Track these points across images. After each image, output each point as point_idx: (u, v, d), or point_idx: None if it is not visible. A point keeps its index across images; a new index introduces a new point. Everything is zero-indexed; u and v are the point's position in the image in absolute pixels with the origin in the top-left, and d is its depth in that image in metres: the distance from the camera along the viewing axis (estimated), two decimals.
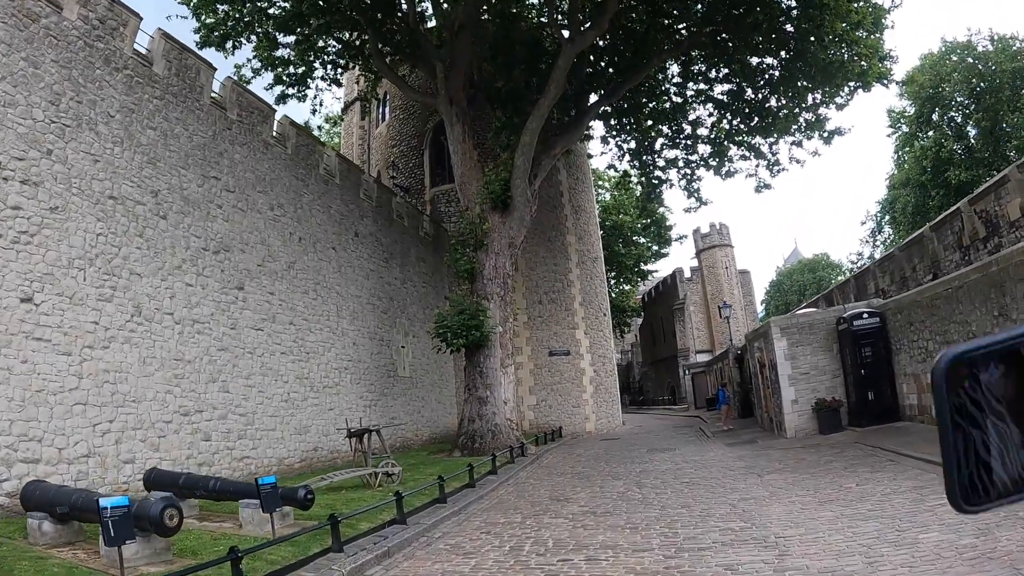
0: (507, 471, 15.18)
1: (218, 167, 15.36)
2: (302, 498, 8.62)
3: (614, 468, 14.71)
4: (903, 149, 44.10)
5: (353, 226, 21.19)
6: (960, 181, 37.76)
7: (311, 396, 17.52)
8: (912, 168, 41.35)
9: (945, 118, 41.14)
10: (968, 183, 36.51)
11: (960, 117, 41.04)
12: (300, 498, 8.61)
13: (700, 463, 14.37)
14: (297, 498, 8.62)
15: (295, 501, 8.67)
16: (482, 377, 18.33)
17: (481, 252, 19.40)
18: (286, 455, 16.17)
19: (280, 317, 16.84)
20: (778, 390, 17.49)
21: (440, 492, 11.35)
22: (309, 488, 8.82)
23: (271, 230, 17.06)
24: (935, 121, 41.12)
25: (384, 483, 12.83)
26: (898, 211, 43.97)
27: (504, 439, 17.76)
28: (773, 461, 13.35)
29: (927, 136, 41.20)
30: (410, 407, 22.69)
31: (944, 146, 39.24)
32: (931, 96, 40.29)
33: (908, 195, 42.17)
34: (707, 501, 9.68)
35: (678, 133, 27.81)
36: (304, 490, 8.71)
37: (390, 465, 13.08)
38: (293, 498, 8.65)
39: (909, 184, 41.90)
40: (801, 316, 17.93)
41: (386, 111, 35.22)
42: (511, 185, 19.65)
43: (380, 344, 21.43)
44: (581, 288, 29.23)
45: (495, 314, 18.82)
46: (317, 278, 18.74)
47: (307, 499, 8.67)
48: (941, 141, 39.58)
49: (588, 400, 28.01)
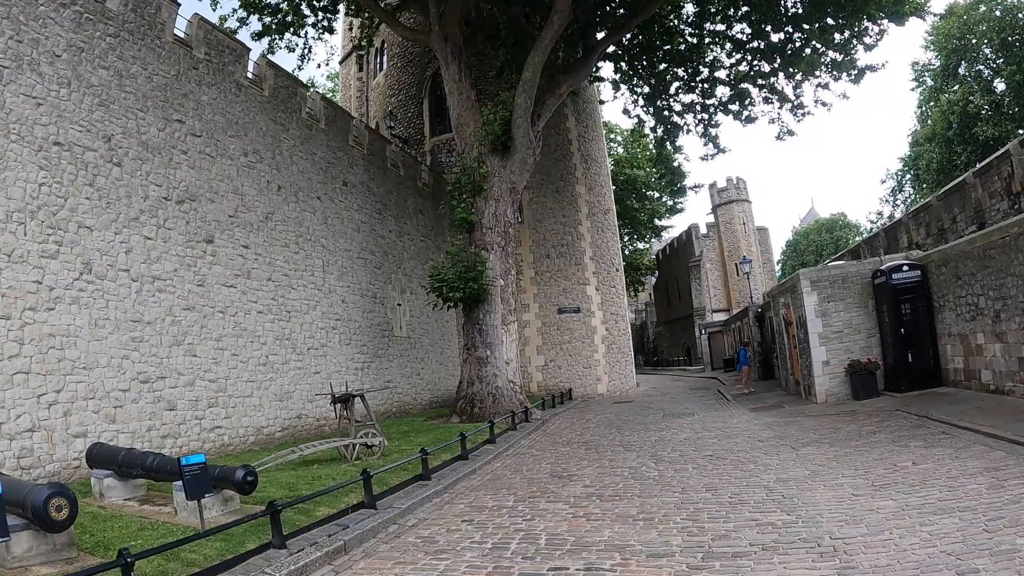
0: (507, 439, 13.76)
1: (182, 110, 13.91)
2: (240, 480, 7.11)
3: (626, 437, 13.22)
4: (928, 104, 42.24)
5: (341, 175, 19.51)
6: (988, 137, 35.89)
7: (293, 359, 16.15)
8: (938, 123, 39.53)
9: (972, 71, 38.98)
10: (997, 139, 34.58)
11: (988, 71, 38.76)
12: (238, 480, 7.10)
13: (723, 431, 12.83)
14: (234, 480, 7.12)
15: (232, 484, 7.18)
16: (481, 335, 16.78)
17: (479, 199, 17.66)
18: (265, 424, 14.88)
19: (256, 272, 15.38)
20: (807, 350, 15.82)
21: (423, 468, 9.91)
22: (250, 469, 7.30)
23: (245, 178, 15.56)
24: (961, 75, 39.05)
25: (363, 456, 11.43)
26: (922, 168, 42.37)
27: (506, 403, 16.31)
28: (806, 431, 11.75)
29: (953, 90, 39.06)
30: (407, 369, 21.29)
31: (971, 101, 37.18)
32: (957, 48, 38.22)
33: (933, 151, 40.29)
34: (737, 482, 8.11)
35: (694, 76, 25.62)
36: (243, 471, 7.18)
37: (371, 435, 11.64)
38: (229, 480, 7.16)
39: (935, 140, 40.16)
40: (833, 268, 16.14)
41: (384, 60, 33.23)
42: (512, 125, 17.76)
43: (373, 302, 19.92)
44: (592, 241, 27.46)
45: (495, 266, 17.17)
46: (299, 230, 17.20)
47: (247, 482, 7.16)
48: (968, 96, 37.47)
49: (600, 360, 26.52)
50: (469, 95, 19.26)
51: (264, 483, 9.38)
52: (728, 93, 25.29)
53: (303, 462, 11.23)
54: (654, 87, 26.10)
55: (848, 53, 21.90)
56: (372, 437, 11.63)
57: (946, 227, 19.46)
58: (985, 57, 38.91)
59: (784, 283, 18.32)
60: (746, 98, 24.73)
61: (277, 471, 10.44)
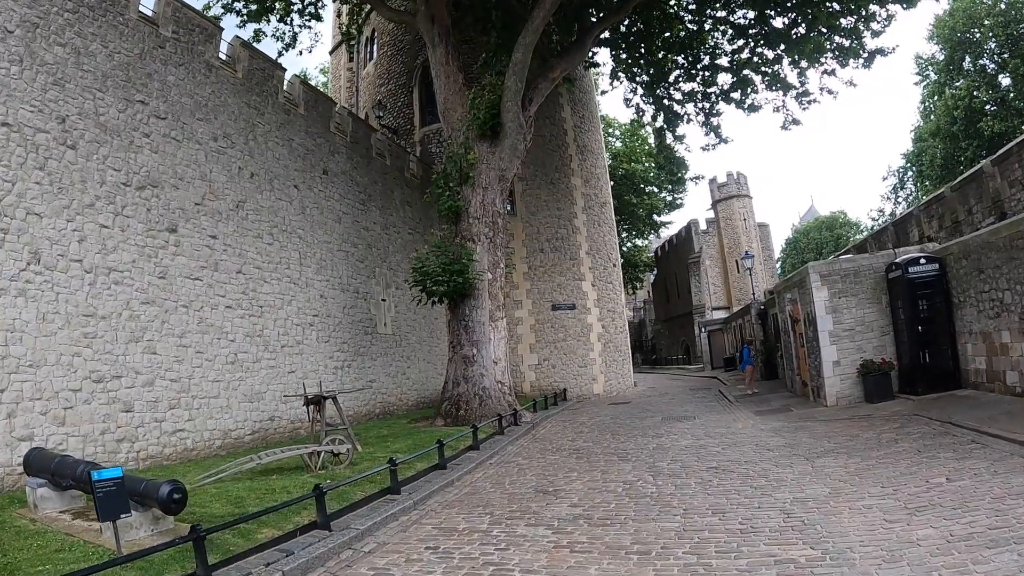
0: (492, 445, 12.68)
1: (145, 90, 12.95)
2: (164, 498, 6.03)
3: (622, 443, 12.14)
4: (932, 98, 41.41)
5: (321, 162, 18.41)
6: (994, 133, 35.10)
7: (265, 357, 15.08)
8: (942, 118, 38.73)
9: (977, 65, 38.20)
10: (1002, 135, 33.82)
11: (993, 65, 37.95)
12: (162, 498, 6.02)
13: (728, 438, 11.74)
14: (158, 498, 6.03)
15: (156, 502, 6.09)
16: (467, 332, 15.69)
17: (467, 187, 16.55)
18: (233, 427, 13.84)
19: (225, 265, 14.33)
20: (816, 349, 14.75)
21: (392, 480, 8.83)
22: (177, 485, 6.20)
23: (214, 163, 14.55)
24: (966, 69, 38.24)
25: (330, 464, 10.35)
26: (925, 164, 41.54)
27: (494, 405, 15.22)
28: (819, 438, 10.67)
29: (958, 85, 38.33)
30: (392, 368, 20.19)
31: (976, 96, 36.38)
32: (962, 41, 37.38)
33: (937, 146, 39.50)
34: (747, 502, 7.02)
35: (694, 63, 24.50)
36: (169, 487, 6.09)
37: (337, 442, 10.56)
38: (152, 498, 6.07)
39: (939, 135, 39.28)
40: (845, 261, 15.05)
41: (374, 50, 32.17)
42: (501, 109, 16.65)
43: (355, 297, 18.82)
44: (588, 235, 26.36)
45: (483, 258, 16.07)
46: (274, 220, 16.14)
47: (173, 500, 6.08)
48: (973, 91, 36.70)
49: (596, 359, 25.43)
50: (456, 78, 18.15)
51: (212, 496, 8.36)
52: (730, 81, 24.21)
53: (262, 471, 10.15)
54: (653, 76, 25.00)
55: (856, 37, 20.82)
56: (339, 444, 10.54)
57: (961, 219, 18.38)
58: (990, 51, 38.13)
59: (791, 277, 17.24)
60: (749, 85, 23.64)
61: (234, 481, 9.40)
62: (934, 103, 41.31)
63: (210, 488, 8.92)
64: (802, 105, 22.82)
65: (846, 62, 21.86)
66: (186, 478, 9.64)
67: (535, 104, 18.11)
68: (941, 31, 39.00)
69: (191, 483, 9.16)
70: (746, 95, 24.07)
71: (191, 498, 8.05)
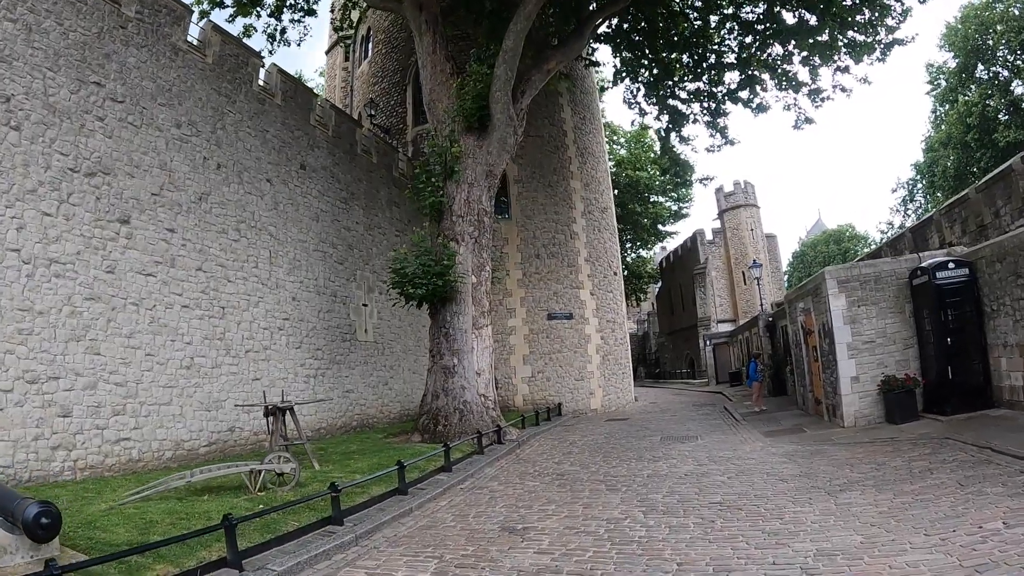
0: (468, 467, 11.30)
1: (102, 71, 11.96)
2: (31, 523, 4.72)
3: (613, 468, 10.71)
4: (943, 106, 40.31)
5: (299, 156, 17.20)
6: (1008, 142, 33.97)
7: (226, 362, 13.80)
8: (954, 126, 37.55)
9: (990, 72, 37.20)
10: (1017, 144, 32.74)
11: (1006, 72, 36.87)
12: (27, 522, 4.71)
13: (734, 464, 10.26)
14: (23, 522, 4.71)
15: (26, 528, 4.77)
16: (448, 341, 14.31)
17: (451, 182, 15.23)
18: (187, 437, 12.57)
19: (183, 261, 13.13)
20: (833, 364, 13.31)
21: (334, 508, 7.47)
22: (46, 509, 4.89)
23: (175, 152, 13.46)
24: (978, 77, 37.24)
25: (273, 486, 8.99)
26: (937, 174, 40.42)
27: (475, 421, 13.82)
28: (840, 465, 9.21)
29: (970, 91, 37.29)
30: (373, 378, 18.82)
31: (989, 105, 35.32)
32: (975, 48, 36.39)
33: (949, 156, 38.39)
34: (759, 553, 5.55)
35: (700, 62, 23.24)
36: (36, 508, 4.79)
37: (282, 460, 9.19)
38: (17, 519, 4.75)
39: (951, 144, 38.05)
40: (865, 267, 13.62)
41: (369, 47, 31.17)
42: (490, 99, 15.37)
43: (332, 301, 17.51)
44: (587, 241, 25.01)
45: (466, 259, 14.72)
46: (242, 215, 14.93)
47: (40, 526, 4.77)
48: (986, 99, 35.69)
49: (594, 372, 23.99)
50: (444, 68, 16.89)
51: (124, 518, 7.10)
52: (737, 79, 22.95)
53: (196, 490, 8.83)
54: (657, 75, 23.74)
55: (872, 31, 19.52)
56: (283, 462, 9.16)
57: (987, 222, 16.94)
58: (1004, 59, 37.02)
59: (804, 284, 15.81)
60: (757, 84, 22.36)
61: (161, 500, 8.11)
62: (946, 112, 40.34)
63: (130, 508, 7.64)
64: (815, 103, 21.51)
65: (860, 58, 20.57)
66: (116, 493, 8.50)
67: (528, 97, 16.82)
68: (952, 38, 38.09)
69: (117, 499, 7.97)
70: (754, 94, 22.82)
71: (96, 520, 6.85)
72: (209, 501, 8.27)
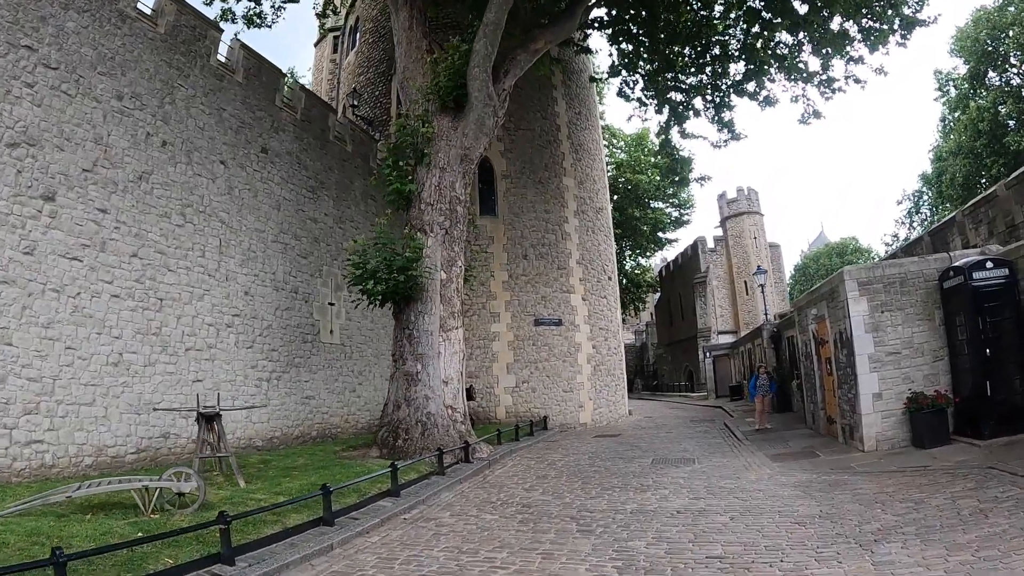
0: (421, 491, 9.58)
1: (36, 35, 10.72)
2: None
3: (591, 500, 8.94)
4: (953, 113, 38.94)
5: (260, 139, 15.61)
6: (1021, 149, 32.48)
7: (162, 360, 12.21)
8: (964, 133, 36.21)
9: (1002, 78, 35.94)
10: None
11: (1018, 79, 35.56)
12: None
13: (738, 497, 8.45)
14: None
15: None
16: (411, 344, 12.59)
17: (421, 168, 13.58)
18: (112, 443, 11.02)
19: (116, 245, 11.65)
20: (852, 378, 11.58)
21: (223, 544, 5.79)
22: None
23: (114, 125, 12.10)
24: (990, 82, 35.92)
25: (172, 507, 7.33)
26: (945, 183, 39.06)
27: (439, 435, 12.09)
28: (868, 503, 7.45)
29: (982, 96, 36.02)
30: (338, 384, 17.11)
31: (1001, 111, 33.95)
32: (986, 53, 35.09)
33: (958, 164, 37.03)
34: None
35: (703, 53, 21.66)
36: None
37: (183, 477, 7.51)
38: None
39: (960, 152, 36.65)
40: (889, 266, 11.89)
41: (357, 38, 29.78)
42: (468, 76, 13.75)
43: (292, 297, 15.83)
44: (580, 243, 23.34)
45: (435, 253, 13.04)
46: (189, 198, 13.36)
47: None
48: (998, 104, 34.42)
49: (584, 383, 22.25)
50: (420, 45, 15.29)
51: None
52: (743, 70, 21.38)
53: (79, 507, 7.20)
54: (657, 67, 22.15)
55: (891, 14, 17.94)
56: (184, 480, 7.46)
57: (1018, 221, 15.26)
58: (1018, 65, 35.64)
59: (818, 288, 14.09)
60: (764, 75, 20.77)
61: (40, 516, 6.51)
62: (956, 119, 38.96)
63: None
64: (825, 95, 19.92)
65: (876, 47, 19.01)
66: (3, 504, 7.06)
67: (511, 77, 15.16)
68: (963, 42, 36.75)
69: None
70: (761, 86, 21.24)
71: None
72: (89, 522, 6.67)
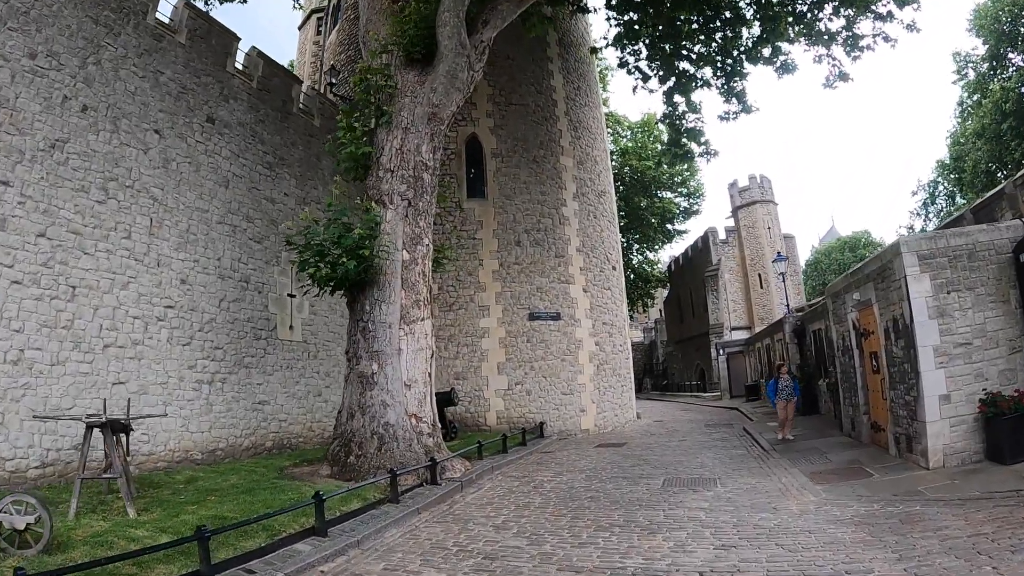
0: (362, 526, 7.41)
1: None
2: None
3: (578, 548, 6.64)
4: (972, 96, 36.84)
5: (205, 107, 13.52)
6: None
7: (74, 358, 10.18)
8: (988, 115, 33.93)
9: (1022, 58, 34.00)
10: None
11: None
12: None
13: (781, 546, 6.06)
14: None
15: None
16: (366, 339, 10.36)
17: (380, 129, 11.39)
18: (9, 455, 9.22)
19: (18, 223, 9.75)
20: (913, 376, 9.27)
21: None
22: None
23: (23, 86, 10.19)
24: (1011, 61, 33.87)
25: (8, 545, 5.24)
26: (967, 169, 36.85)
27: (399, 451, 9.85)
28: (967, 553, 5.16)
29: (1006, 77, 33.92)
30: (299, 388, 14.95)
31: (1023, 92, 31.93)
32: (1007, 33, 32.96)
33: (981, 148, 34.79)
34: None
35: (714, 18, 19.40)
36: None
37: (26, 508, 5.39)
38: None
39: (983, 135, 34.40)
40: (954, 236, 9.58)
41: (340, 16, 27.80)
42: (437, 22, 11.55)
43: (243, 288, 13.70)
44: (580, 228, 21.10)
45: (396, 228, 10.83)
46: (113, 171, 11.34)
47: None
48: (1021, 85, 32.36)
49: (586, 385, 19.98)
50: None
51: None
52: (757, 34, 19.11)
53: None
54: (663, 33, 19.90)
55: None
56: (22, 514, 5.32)
57: None
58: None
59: (860, 268, 11.73)
60: (781, 37, 18.49)
61: None
62: (975, 102, 36.69)
63: None
64: (851, 55, 17.65)
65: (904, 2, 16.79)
66: None
67: (492, 28, 12.87)
68: (982, 21, 34.49)
69: None
70: (778, 52, 18.95)
71: None
72: None
